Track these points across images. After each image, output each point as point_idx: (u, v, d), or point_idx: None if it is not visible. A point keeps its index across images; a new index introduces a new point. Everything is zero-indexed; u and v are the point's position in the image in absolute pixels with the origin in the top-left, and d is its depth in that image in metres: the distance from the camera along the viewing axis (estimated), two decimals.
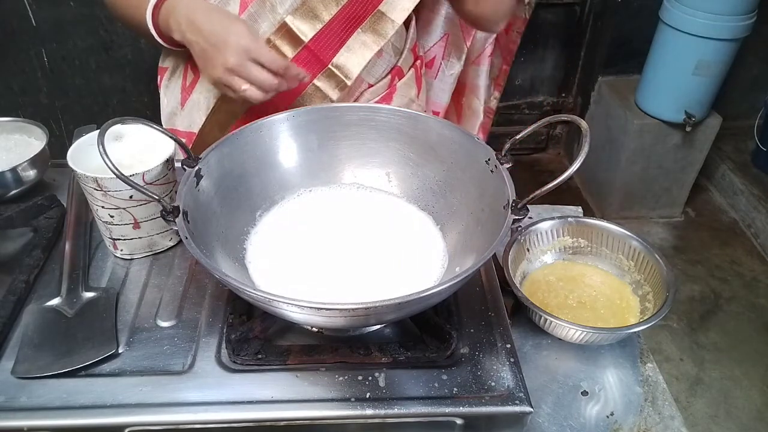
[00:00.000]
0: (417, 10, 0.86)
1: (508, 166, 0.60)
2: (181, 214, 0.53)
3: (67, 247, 0.68)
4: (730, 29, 1.71)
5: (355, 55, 0.79)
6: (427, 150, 0.68)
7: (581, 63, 2.28)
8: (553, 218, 0.74)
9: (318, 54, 0.78)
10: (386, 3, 0.77)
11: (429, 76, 1.06)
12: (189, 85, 0.85)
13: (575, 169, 0.51)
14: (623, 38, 2.08)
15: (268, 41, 0.77)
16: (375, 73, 0.87)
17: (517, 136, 0.60)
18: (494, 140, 0.60)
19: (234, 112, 0.83)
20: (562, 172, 0.52)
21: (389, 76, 0.89)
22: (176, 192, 0.57)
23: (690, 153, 2.04)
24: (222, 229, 0.61)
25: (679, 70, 1.83)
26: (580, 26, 2.20)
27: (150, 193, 0.53)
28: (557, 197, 0.68)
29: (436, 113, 1.10)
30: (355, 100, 0.87)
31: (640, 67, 1.98)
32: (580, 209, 0.84)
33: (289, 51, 0.78)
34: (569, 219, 0.75)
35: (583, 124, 0.54)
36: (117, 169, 0.50)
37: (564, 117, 0.56)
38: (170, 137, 0.58)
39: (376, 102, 0.88)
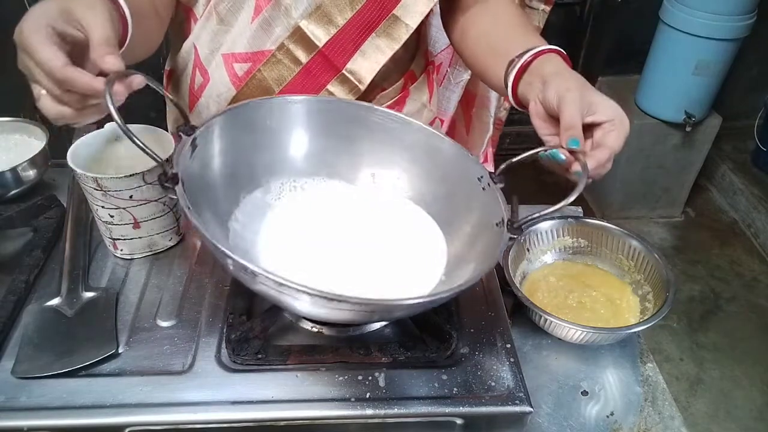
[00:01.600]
0: (428, 15, 0.85)
1: (500, 186, 0.60)
2: (180, 183, 0.50)
3: (67, 247, 0.68)
4: (730, 29, 1.71)
5: (369, 60, 0.79)
6: (426, 160, 0.68)
7: (581, 63, 2.27)
8: (553, 218, 0.74)
9: (332, 59, 0.78)
10: (401, 7, 0.76)
11: (436, 82, 1.04)
12: (198, 89, 0.84)
13: (573, 199, 0.51)
14: (623, 38, 2.08)
15: (282, 46, 0.77)
16: (388, 77, 0.86)
17: (513, 159, 0.59)
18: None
19: None
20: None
21: (402, 80, 0.88)
22: None
23: (690, 153, 2.04)
24: (211, 206, 0.59)
25: (679, 70, 1.83)
26: (580, 26, 2.19)
27: (151, 153, 0.50)
28: (557, 197, 0.68)
29: (441, 121, 1.08)
30: None
31: (640, 67, 1.98)
32: (580, 209, 0.83)
33: (303, 56, 0.77)
34: (569, 219, 0.75)
35: (581, 158, 0.54)
36: (125, 125, 0.48)
37: (561, 148, 0.56)
38: (170, 100, 0.57)
39: (389, 106, 0.86)
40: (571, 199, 0.51)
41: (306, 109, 0.68)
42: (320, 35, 0.76)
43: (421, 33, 0.92)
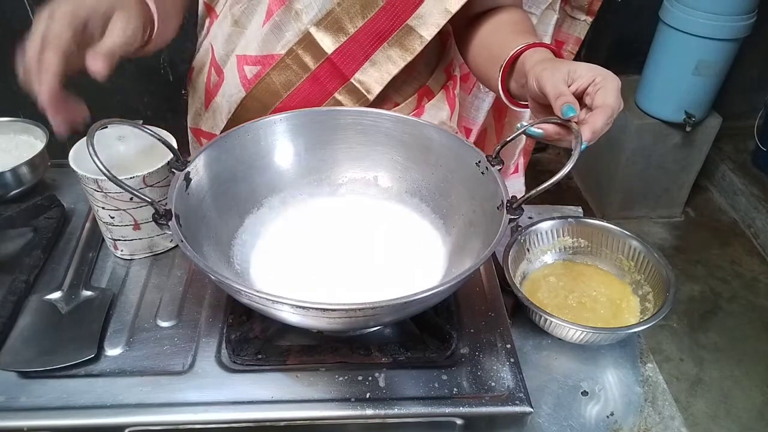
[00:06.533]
0: (453, 24, 0.80)
1: (498, 168, 0.60)
2: (173, 218, 0.53)
3: (83, 239, 0.68)
4: (730, 29, 1.71)
5: (380, 71, 0.76)
6: (417, 153, 0.68)
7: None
8: (553, 218, 0.74)
9: (340, 67, 0.76)
10: (416, 17, 0.73)
11: (463, 90, 1.00)
12: (213, 87, 0.84)
13: (568, 170, 0.51)
14: (623, 38, 2.08)
15: (291, 51, 0.76)
16: (401, 90, 0.83)
17: (507, 139, 0.60)
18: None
19: (253, 119, 0.82)
20: None
21: (416, 96, 0.85)
22: None
23: (690, 153, 2.04)
24: (212, 234, 0.61)
25: (679, 70, 1.83)
26: None
27: (143, 197, 0.52)
28: (557, 197, 0.68)
29: (468, 130, 1.04)
30: None
31: (640, 67, 1.98)
32: (580, 209, 0.84)
33: (311, 62, 0.76)
34: (569, 219, 0.75)
35: (574, 126, 0.54)
36: (109, 171, 0.50)
37: (554, 120, 0.56)
38: (158, 139, 0.57)
39: None
40: (567, 169, 0.50)
41: (294, 124, 0.68)
42: (329, 43, 0.74)
43: (444, 47, 0.89)
